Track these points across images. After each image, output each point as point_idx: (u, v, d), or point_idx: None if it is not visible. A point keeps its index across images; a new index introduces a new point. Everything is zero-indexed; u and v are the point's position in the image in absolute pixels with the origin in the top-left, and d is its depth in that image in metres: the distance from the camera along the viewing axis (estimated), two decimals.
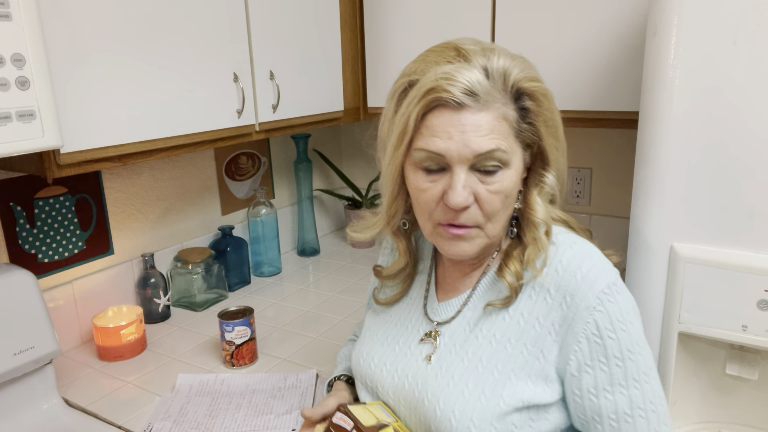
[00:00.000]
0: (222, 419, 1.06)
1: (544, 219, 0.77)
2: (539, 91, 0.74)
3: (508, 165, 0.72)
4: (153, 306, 1.47)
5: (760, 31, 0.83)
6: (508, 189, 0.73)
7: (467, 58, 0.70)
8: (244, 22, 1.30)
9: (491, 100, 0.70)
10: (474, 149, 0.69)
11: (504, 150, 0.71)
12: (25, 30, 0.84)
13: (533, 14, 1.44)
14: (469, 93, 0.68)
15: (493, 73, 0.70)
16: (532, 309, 0.75)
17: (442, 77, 0.69)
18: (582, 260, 0.75)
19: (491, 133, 0.70)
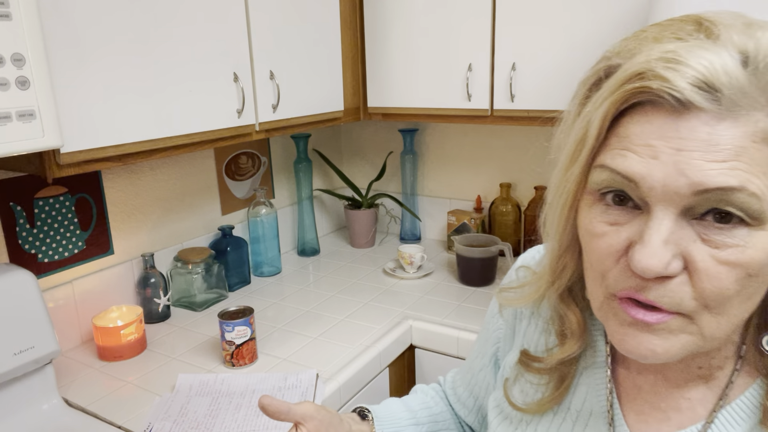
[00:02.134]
0: (222, 419, 1.06)
1: None
2: None
3: (762, 222, 0.41)
4: (153, 306, 1.47)
5: None
6: (753, 262, 0.41)
7: (713, 34, 0.42)
8: (244, 22, 1.30)
9: (747, 106, 0.40)
10: (695, 180, 0.40)
11: (756, 194, 0.40)
12: (25, 30, 0.84)
13: (533, 15, 1.44)
14: (704, 87, 0.40)
15: (759, 59, 0.40)
16: None
17: (660, 58, 0.41)
18: None
19: (736, 159, 0.40)
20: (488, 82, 1.54)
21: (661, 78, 0.40)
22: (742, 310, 0.44)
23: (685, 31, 0.43)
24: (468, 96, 1.57)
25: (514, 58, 1.48)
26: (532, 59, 1.46)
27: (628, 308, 0.45)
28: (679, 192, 0.41)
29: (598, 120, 0.44)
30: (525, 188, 1.92)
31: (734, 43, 0.41)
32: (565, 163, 0.49)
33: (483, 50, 1.52)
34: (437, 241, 2.08)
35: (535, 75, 1.47)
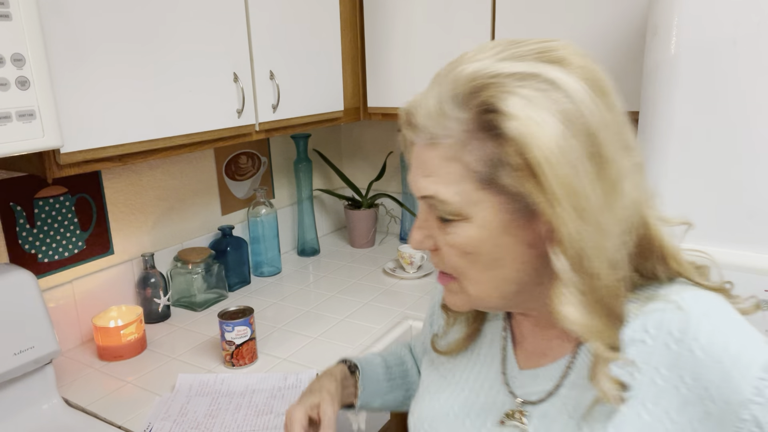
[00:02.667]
0: (222, 419, 1.06)
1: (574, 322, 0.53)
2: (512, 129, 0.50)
3: (464, 218, 0.56)
4: (153, 306, 1.47)
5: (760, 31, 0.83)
6: (467, 246, 0.56)
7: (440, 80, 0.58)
8: (244, 22, 1.30)
9: (440, 135, 0.55)
10: (416, 189, 0.59)
11: (443, 200, 0.55)
12: (25, 30, 0.84)
13: (533, 15, 1.44)
14: (410, 125, 0.58)
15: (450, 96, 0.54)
16: (659, 400, 0.55)
17: (407, 104, 0.60)
18: (727, 336, 0.54)
19: (432, 175, 0.56)
20: None
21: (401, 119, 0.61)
22: (495, 277, 0.58)
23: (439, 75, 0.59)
24: None
25: None
26: None
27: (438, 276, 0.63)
28: (417, 195, 0.59)
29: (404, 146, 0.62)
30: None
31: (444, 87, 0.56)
32: None
33: None
34: None
35: None
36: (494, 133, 0.51)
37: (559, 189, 0.50)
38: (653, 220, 0.58)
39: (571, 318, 0.53)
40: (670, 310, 0.57)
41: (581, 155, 0.51)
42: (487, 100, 0.52)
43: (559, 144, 0.50)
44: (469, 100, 0.53)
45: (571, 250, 0.51)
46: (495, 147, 0.52)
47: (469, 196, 0.55)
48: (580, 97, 0.51)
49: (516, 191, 0.53)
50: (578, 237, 0.51)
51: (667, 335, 0.56)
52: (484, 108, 0.52)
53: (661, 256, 0.59)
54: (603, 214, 0.52)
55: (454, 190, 0.55)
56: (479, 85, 0.52)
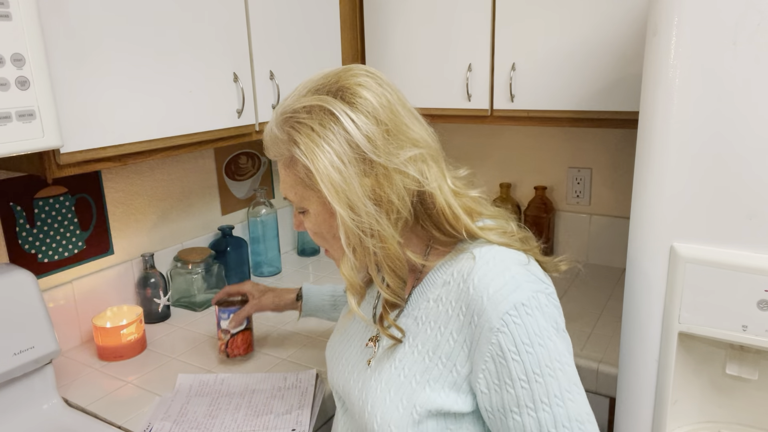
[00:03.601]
0: (222, 419, 1.06)
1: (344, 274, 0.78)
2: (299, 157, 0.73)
3: (304, 210, 0.80)
4: (153, 306, 1.47)
5: (760, 31, 0.83)
6: (314, 227, 0.80)
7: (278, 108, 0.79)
8: (244, 22, 1.30)
9: (279, 152, 0.77)
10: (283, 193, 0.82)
11: (291, 200, 0.80)
12: (25, 30, 0.84)
13: (533, 15, 1.44)
14: (265, 144, 0.80)
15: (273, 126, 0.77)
16: (448, 323, 0.75)
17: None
18: (492, 279, 0.72)
19: (284, 182, 0.79)
20: (488, 82, 1.54)
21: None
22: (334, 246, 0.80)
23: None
24: (468, 96, 1.57)
25: (514, 58, 1.48)
26: (532, 59, 1.46)
27: None
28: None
29: None
30: (525, 188, 1.92)
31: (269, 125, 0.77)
32: None
33: (483, 50, 1.52)
34: None
35: (535, 75, 1.47)
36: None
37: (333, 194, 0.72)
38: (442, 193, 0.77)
39: (343, 270, 0.77)
40: (467, 259, 0.76)
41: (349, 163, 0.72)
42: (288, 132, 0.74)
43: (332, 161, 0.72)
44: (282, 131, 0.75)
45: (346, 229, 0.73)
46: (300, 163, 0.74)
47: (301, 195, 0.77)
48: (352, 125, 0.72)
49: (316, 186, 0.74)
50: (349, 220, 0.72)
51: (459, 277, 0.75)
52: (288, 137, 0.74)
53: (447, 220, 0.77)
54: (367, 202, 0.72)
55: (293, 192, 0.78)
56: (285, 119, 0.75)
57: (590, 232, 1.83)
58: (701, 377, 1.02)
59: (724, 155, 0.88)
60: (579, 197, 1.83)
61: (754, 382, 0.98)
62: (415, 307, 0.82)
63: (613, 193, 1.78)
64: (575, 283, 1.70)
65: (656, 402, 1.00)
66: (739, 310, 0.91)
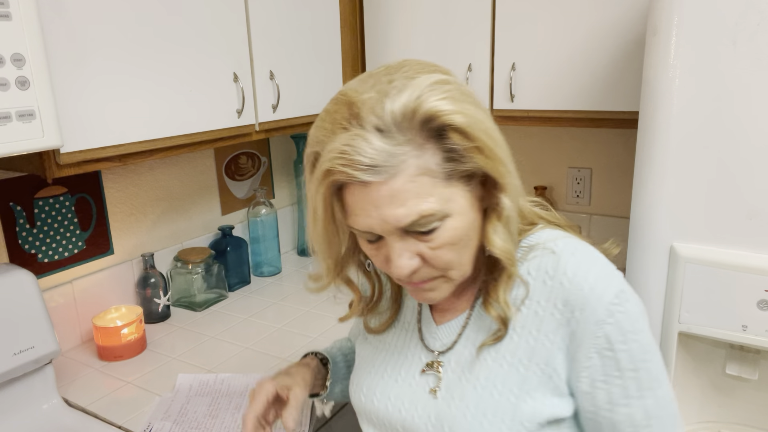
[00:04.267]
0: (222, 419, 1.06)
1: (503, 250, 0.68)
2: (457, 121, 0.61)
3: (445, 216, 0.63)
4: (153, 306, 1.47)
5: (760, 31, 0.83)
6: (454, 238, 0.65)
7: (359, 120, 0.60)
8: (244, 22, 1.30)
9: (398, 162, 0.60)
10: (393, 223, 0.62)
11: (431, 212, 0.62)
12: (25, 30, 0.84)
13: (533, 15, 1.44)
14: (368, 168, 0.59)
15: (391, 126, 0.59)
16: (540, 326, 0.70)
17: (336, 157, 0.60)
18: (588, 270, 0.68)
19: (410, 199, 0.61)
20: (488, 82, 1.54)
21: (342, 173, 0.60)
22: (467, 257, 0.68)
23: (345, 119, 0.61)
24: None
25: (514, 58, 1.48)
26: (532, 59, 1.46)
27: (408, 285, 0.70)
28: (390, 230, 0.63)
29: (321, 207, 0.64)
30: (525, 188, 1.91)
31: (373, 123, 0.59)
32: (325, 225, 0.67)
33: (483, 50, 1.52)
34: None
35: (535, 75, 1.47)
36: (439, 133, 0.61)
37: (499, 152, 0.64)
38: None
39: (499, 247, 0.68)
40: (546, 254, 0.71)
41: (496, 129, 0.66)
42: (426, 113, 0.60)
43: (485, 122, 0.64)
44: (411, 120, 0.60)
45: (512, 193, 0.67)
46: (444, 144, 0.61)
47: (443, 197, 0.63)
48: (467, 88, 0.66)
49: (469, 170, 0.63)
50: (514, 184, 0.68)
51: (544, 274, 0.70)
52: (424, 119, 0.60)
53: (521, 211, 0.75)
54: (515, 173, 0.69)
55: (432, 200, 0.62)
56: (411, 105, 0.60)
57: (590, 232, 1.84)
58: (701, 377, 1.02)
59: (724, 155, 0.88)
60: (579, 197, 1.83)
61: (754, 382, 0.98)
62: (485, 317, 0.74)
63: (613, 193, 1.78)
64: None
65: None
66: (739, 310, 0.91)
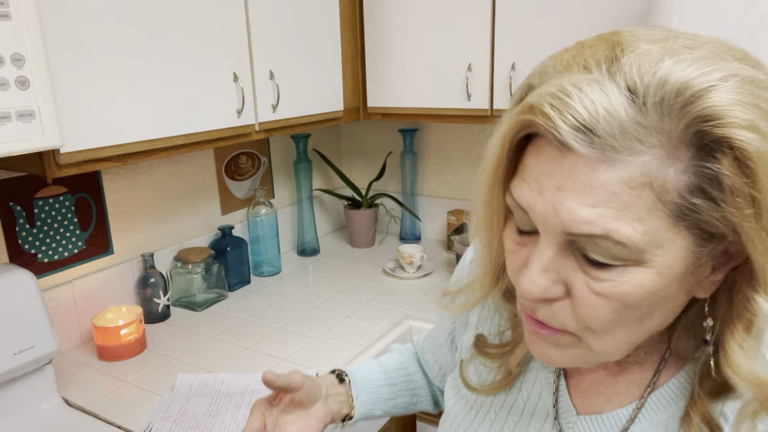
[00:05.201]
0: (222, 419, 1.06)
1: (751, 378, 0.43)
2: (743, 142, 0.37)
3: (639, 262, 0.41)
4: (153, 306, 1.47)
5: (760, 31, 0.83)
6: (629, 297, 0.42)
7: (614, 67, 0.40)
8: (244, 22, 1.30)
9: (627, 147, 0.38)
10: (564, 223, 0.41)
11: (625, 241, 0.40)
12: (24, 30, 0.84)
13: (533, 14, 1.44)
14: (581, 130, 0.39)
15: (650, 97, 0.38)
16: None
17: (551, 94, 0.40)
18: None
19: (607, 204, 0.39)
20: (488, 82, 1.54)
21: (545, 116, 0.40)
22: (635, 329, 0.45)
23: (595, 59, 0.41)
24: (468, 96, 1.57)
25: (513, 58, 1.48)
26: (532, 59, 1.46)
27: (529, 320, 0.49)
28: (553, 228, 0.42)
29: (497, 147, 0.46)
30: None
31: (626, 80, 0.39)
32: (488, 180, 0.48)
33: (483, 50, 1.52)
34: (437, 241, 2.08)
35: None
36: (709, 148, 0.38)
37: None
38: None
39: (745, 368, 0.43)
40: None
41: None
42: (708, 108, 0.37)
43: None
44: (683, 107, 0.38)
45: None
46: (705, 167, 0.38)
47: (656, 236, 0.40)
48: None
49: (717, 229, 0.40)
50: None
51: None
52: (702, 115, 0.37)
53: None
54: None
55: (640, 229, 0.39)
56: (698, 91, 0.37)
57: None
58: None
59: None
60: None
61: None
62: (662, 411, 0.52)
63: None
64: None
65: None
66: None
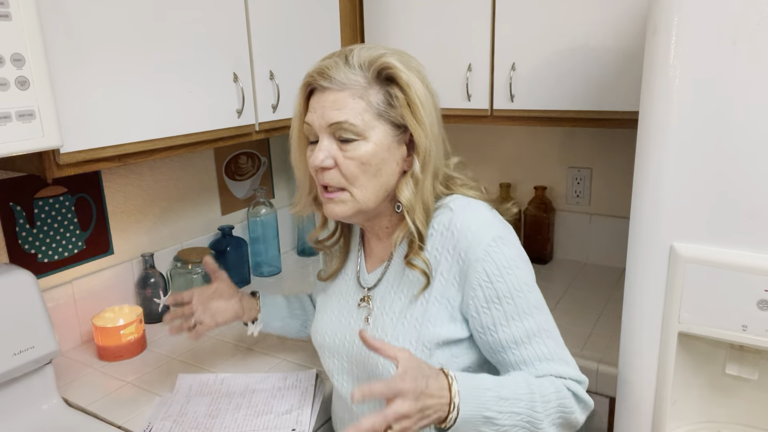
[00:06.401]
0: (222, 419, 1.06)
1: (406, 201, 0.89)
2: (397, 76, 0.85)
3: (363, 137, 0.86)
4: (153, 306, 1.47)
5: (760, 31, 0.83)
6: (363, 158, 0.86)
7: (342, 54, 0.88)
8: (244, 22, 1.30)
9: (348, 83, 0.85)
10: (327, 120, 0.86)
11: (353, 123, 0.85)
12: (24, 30, 0.84)
13: (533, 15, 1.44)
14: (326, 77, 0.86)
15: (353, 62, 0.86)
16: (437, 266, 0.90)
17: (316, 67, 0.88)
18: (471, 221, 0.89)
19: (344, 108, 0.85)
20: (488, 82, 1.54)
21: (311, 77, 0.89)
22: (371, 185, 0.89)
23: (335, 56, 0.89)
24: (468, 96, 1.57)
25: (514, 58, 1.48)
26: (532, 59, 1.46)
27: (324, 193, 0.91)
28: (323, 126, 0.87)
29: (300, 101, 0.93)
30: (525, 188, 1.92)
31: (343, 54, 0.88)
32: (294, 127, 0.96)
33: (483, 50, 1.52)
34: None
35: (535, 75, 1.47)
36: (388, 82, 0.86)
37: (424, 118, 0.86)
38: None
39: (406, 197, 0.88)
40: (445, 212, 0.91)
41: (431, 102, 0.89)
42: (383, 64, 0.85)
43: (423, 91, 0.87)
44: (370, 66, 0.86)
45: (423, 154, 0.88)
46: (387, 91, 0.86)
47: (368, 123, 0.86)
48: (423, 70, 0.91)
49: (397, 121, 0.87)
50: (428, 148, 0.87)
51: (442, 227, 0.91)
52: (380, 68, 0.85)
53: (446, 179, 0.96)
54: (438, 140, 0.90)
55: (360, 118, 0.85)
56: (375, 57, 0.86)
57: (590, 232, 1.83)
58: (701, 377, 1.02)
59: (724, 155, 0.88)
60: (579, 197, 1.83)
61: (754, 382, 0.98)
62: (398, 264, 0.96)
63: (613, 193, 1.78)
64: (575, 283, 1.70)
65: (656, 402, 1.00)
66: (739, 310, 0.91)
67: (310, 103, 0.89)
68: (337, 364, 1.02)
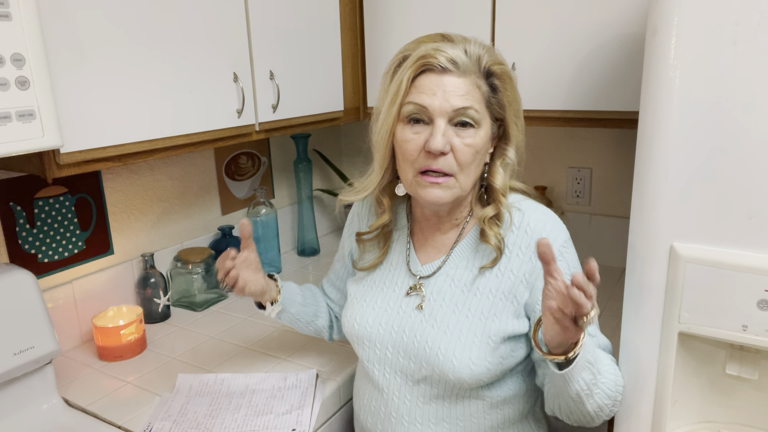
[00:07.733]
0: (222, 419, 1.06)
1: (502, 186, 0.96)
2: (505, 73, 0.93)
3: (479, 125, 0.90)
4: (153, 306, 1.47)
5: (760, 31, 0.83)
6: (478, 145, 0.91)
7: (452, 41, 0.91)
8: (244, 22, 1.30)
9: (468, 72, 0.89)
10: (453, 104, 0.88)
11: (476, 110, 0.89)
12: (25, 30, 0.84)
13: (533, 15, 1.44)
14: (452, 62, 0.88)
15: (471, 53, 0.90)
16: (508, 264, 0.95)
17: (433, 48, 0.88)
18: (545, 221, 0.95)
19: (467, 95, 0.89)
20: None
21: (434, 57, 0.88)
22: (475, 172, 0.94)
23: (439, 39, 0.92)
24: None
25: (513, 58, 1.48)
26: (532, 59, 1.46)
27: (426, 178, 0.92)
28: (446, 110, 0.88)
29: (407, 79, 0.90)
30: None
31: (462, 44, 0.90)
32: (388, 105, 0.92)
33: None
34: None
35: (535, 75, 1.47)
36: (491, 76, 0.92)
37: (517, 107, 0.96)
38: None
39: (500, 182, 0.96)
40: (514, 211, 0.97)
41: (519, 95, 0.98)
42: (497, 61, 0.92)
43: (515, 85, 0.96)
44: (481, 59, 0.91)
45: (517, 147, 0.98)
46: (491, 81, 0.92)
47: (482, 113, 0.91)
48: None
49: (497, 115, 0.94)
50: (519, 142, 0.98)
51: (512, 225, 0.96)
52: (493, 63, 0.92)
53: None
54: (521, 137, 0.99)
55: (479, 105, 0.90)
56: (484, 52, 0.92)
57: (590, 232, 1.84)
58: (701, 377, 1.02)
59: (724, 155, 0.88)
60: (579, 197, 1.83)
61: (754, 382, 0.98)
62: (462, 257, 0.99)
63: (613, 193, 1.78)
64: None
65: (656, 402, 1.00)
66: (739, 310, 0.90)
67: (421, 83, 0.89)
68: (378, 354, 1.01)
